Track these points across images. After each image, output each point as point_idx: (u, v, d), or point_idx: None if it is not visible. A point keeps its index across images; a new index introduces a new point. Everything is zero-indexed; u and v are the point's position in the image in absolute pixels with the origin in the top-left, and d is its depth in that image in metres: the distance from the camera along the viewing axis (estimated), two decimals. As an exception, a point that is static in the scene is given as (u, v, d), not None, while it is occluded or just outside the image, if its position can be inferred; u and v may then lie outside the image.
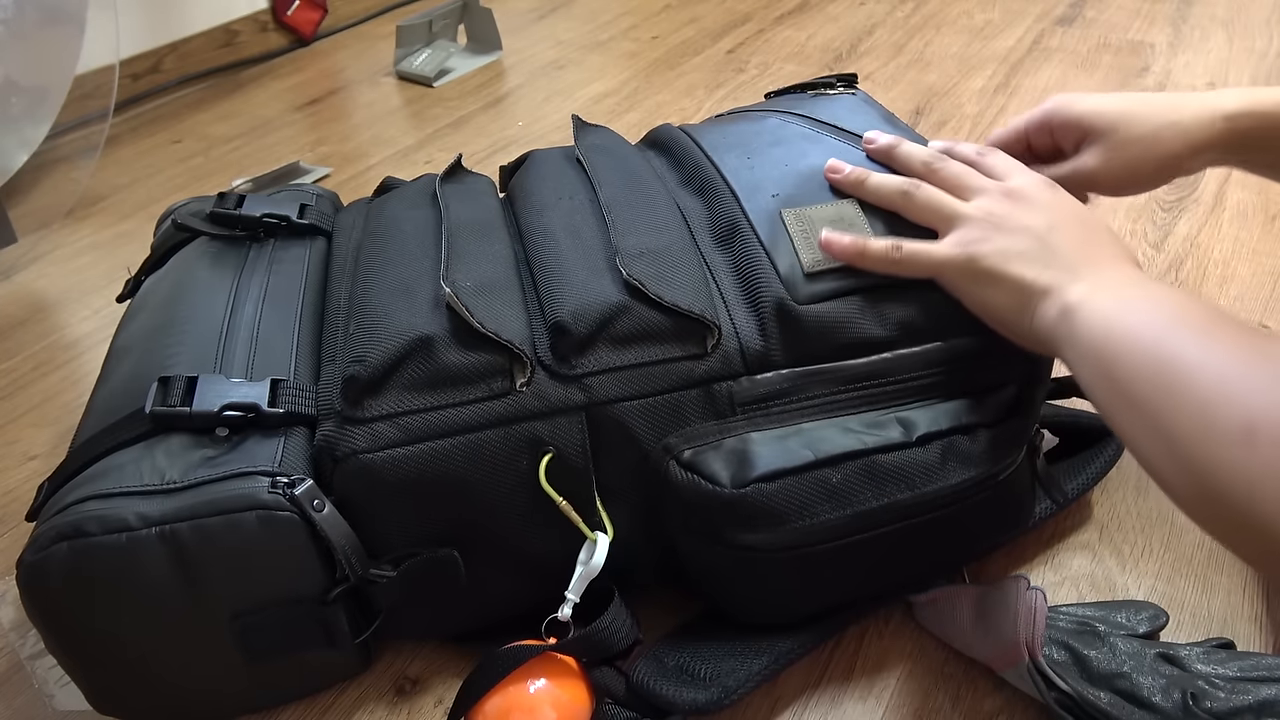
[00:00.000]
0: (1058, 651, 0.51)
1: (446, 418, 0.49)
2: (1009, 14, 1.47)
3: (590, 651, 0.52)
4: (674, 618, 0.57)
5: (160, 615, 0.48)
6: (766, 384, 0.51)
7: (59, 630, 0.48)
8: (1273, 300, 0.82)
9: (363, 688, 0.56)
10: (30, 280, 0.99)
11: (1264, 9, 1.43)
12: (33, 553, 0.46)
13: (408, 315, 0.52)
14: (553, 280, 0.53)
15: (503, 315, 0.51)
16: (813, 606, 0.55)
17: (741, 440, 0.50)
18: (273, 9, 1.50)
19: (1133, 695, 0.48)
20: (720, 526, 0.49)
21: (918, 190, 0.53)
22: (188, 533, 0.46)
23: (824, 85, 0.70)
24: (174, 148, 1.25)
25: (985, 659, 0.53)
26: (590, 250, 0.54)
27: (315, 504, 0.47)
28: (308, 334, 0.57)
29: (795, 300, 0.51)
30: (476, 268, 0.54)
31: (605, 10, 1.60)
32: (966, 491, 0.51)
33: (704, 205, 0.58)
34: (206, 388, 0.50)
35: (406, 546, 0.51)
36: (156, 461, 0.48)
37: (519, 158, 0.68)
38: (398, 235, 0.59)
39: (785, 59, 1.37)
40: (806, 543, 0.50)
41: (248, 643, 0.49)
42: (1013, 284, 0.49)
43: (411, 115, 1.29)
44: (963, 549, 0.58)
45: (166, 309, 0.59)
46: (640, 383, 0.51)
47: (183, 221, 0.65)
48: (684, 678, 0.51)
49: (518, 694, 0.50)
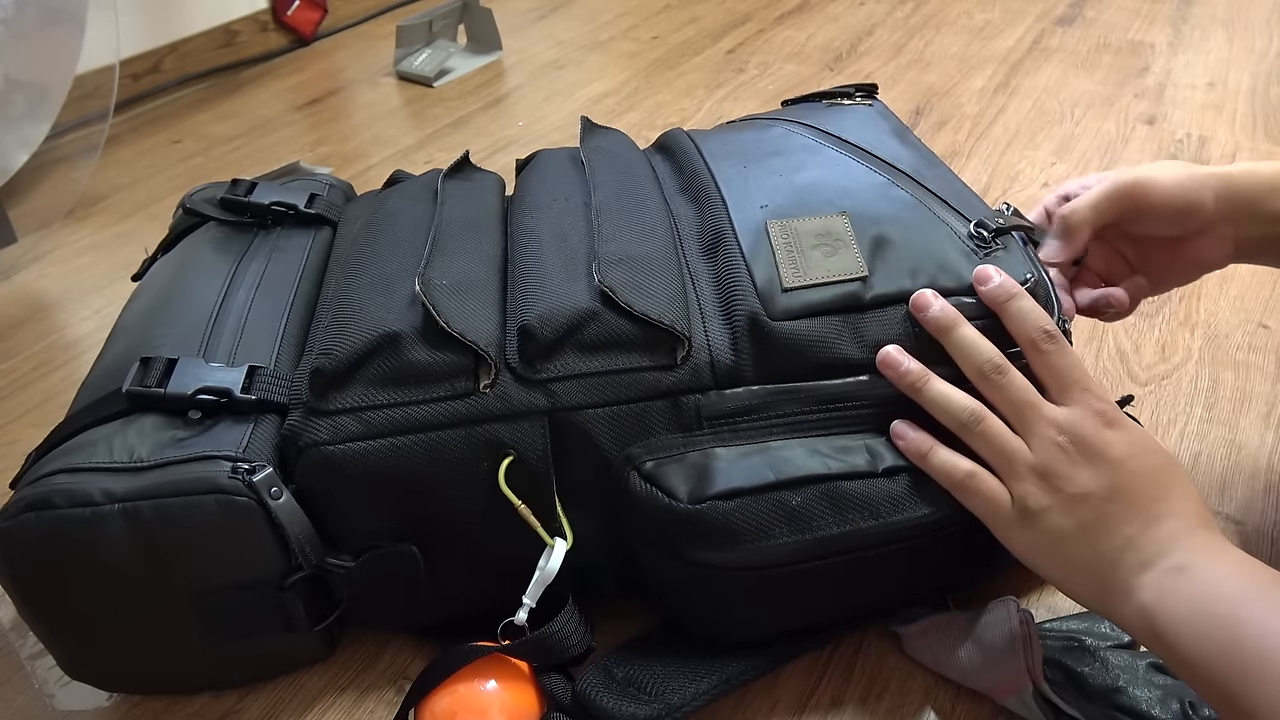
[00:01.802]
0: (1051, 671, 0.50)
1: (408, 415, 0.50)
2: (1009, 14, 1.47)
3: (540, 656, 0.51)
4: (635, 628, 0.56)
5: (123, 590, 0.49)
6: (735, 399, 0.50)
7: (28, 596, 0.49)
8: (1273, 300, 0.82)
9: (363, 687, 0.56)
10: (30, 280, 0.99)
11: (1264, 9, 1.43)
12: (3, 520, 0.47)
13: (382, 311, 0.52)
14: (528, 283, 0.53)
15: (474, 315, 0.51)
16: (773, 628, 0.53)
17: (704, 455, 0.49)
18: (273, 9, 1.50)
19: (1133, 710, 0.48)
20: (677, 541, 0.48)
21: (985, 426, 0.49)
22: (149, 512, 0.47)
23: (841, 95, 0.68)
24: (174, 148, 1.25)
25: (984, 689, 0.52)
26: (573, 254, 0.54)
27: (273, 491, 0.48)
28: (296, 323, 0.57)
29: (770, 316, 0.50)
30: (458, 266, 0.54)
31: (605, 10, 1.60)
32: (933, 526, 0.49)
33: (696, 213, 0.58)
34: (184, 370, 0.51)
35: (368, 538, 0.51)
36: (128, 439, 0.49)
37: (530, 155, 0.68)
38: (391, 229, 0.59)
39: (785, 59, 1.37)
40: (763, 564, 0.48)
41: (207, 623, 0.50)
42: (1077, 567, 0.46)
43: (411, 115, 1.29)
44: (931, 581, 0.55)
45: (165, 291, 0.60)
46: (606, 390, 0.50)
47: (193, 206, 0.66)
48: (629, 691, 0.50)
49: (467, 694, 0.49)
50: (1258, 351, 0.77)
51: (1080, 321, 0.80)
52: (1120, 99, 1.19)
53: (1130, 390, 0.74)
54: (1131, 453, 0.47)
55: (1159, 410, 0.72)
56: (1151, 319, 0.81)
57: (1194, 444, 0.69)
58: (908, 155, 0.60)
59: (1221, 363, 0.76)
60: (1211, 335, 0.79)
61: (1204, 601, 0.41)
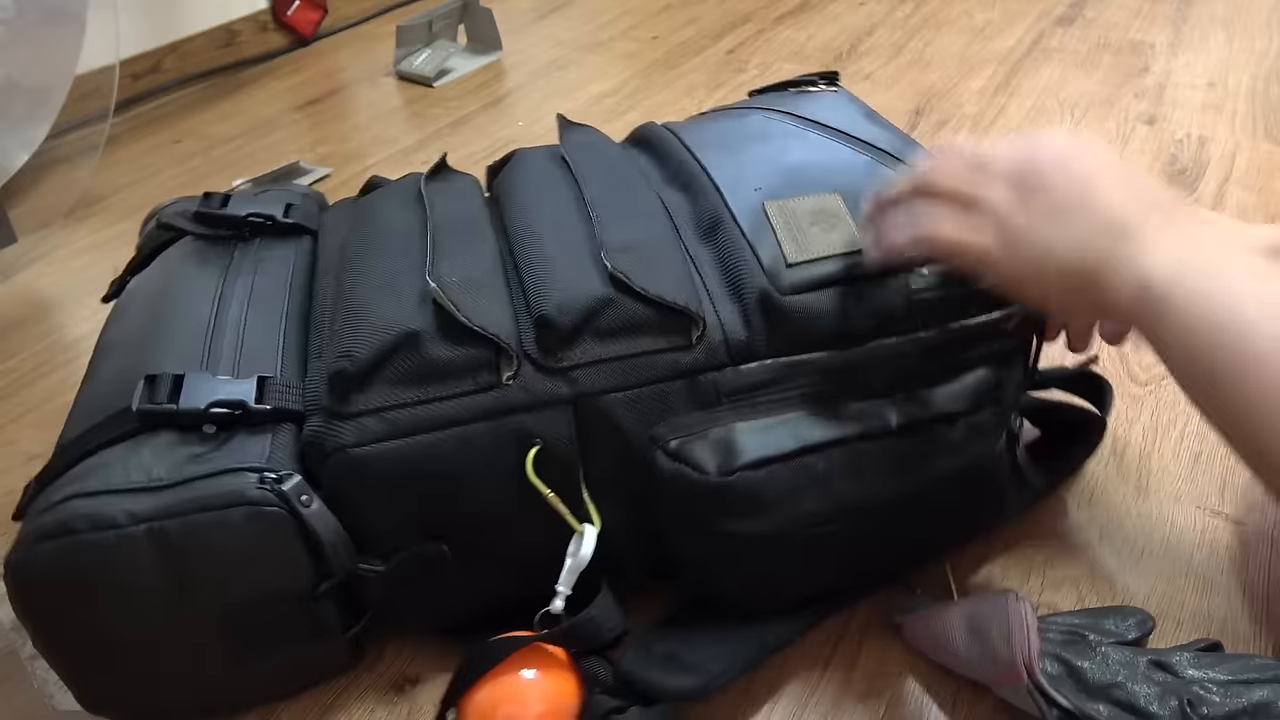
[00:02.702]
0: (1051, 664, 0.50)
1: (433, 412, 0.50)
2: (1009, 14, 1.47)
3: (578, 642, 0.52)
4: (662, 607, 0.58)
5: (148, 613, 0.48)
6: (751, 374, 0.52)
7: (47, 628, 0.48)
8: (1272, 300, 0.82)
9: (363, 687, 0.56)
10: (30, 280, 0.99)
11: (1264, 9, 1.43)
12: (19, 551, 0.45)
13: (394, 310, 0.52)
14: (538, 275, 0.53)
15: (489, 310, 0.52)
16: (799, 593, 0.55)
17: (727, 430, 0.50)
18: (273, 9, 1.50)
19: (1130, 705, 0.48)
20: (707, 514, 0.50)
21: (930, 176, 0.49)
22: (176, 529, 0.46)
23: (806, 83, 0.70)
24: (174, 148, 1.25)
25: (982, 679, 0.52)
26: (575, 246, 0.55)
27: (303, 499, 0.47)
28: (293, 332, 0.57)
29: (779, 291, 0.52)
30: (462, 264, 0.55)
31: (605, 10, 1.60)
32: (948, 478, 0.52)
33: (687, 200, 0.59)
34: (193, 385, 0.50)
35: (394, 540, 0.51)
36: (143, 459, 0.48)
37: (504, 156, 0.69)
38: (383, 233, 0.59)
39: (785, 59, 1.37)
40: (792, 529, 0.50)
41: (236, 639, 0.50)
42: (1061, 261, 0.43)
43: (411, 115, 1.29)
44: (946, 536, 0.58)
45: (152, 308, 0.59)
46: (626, 374, 0.51)
47: (168, 221, 0.65)
48: (671, 665, 0.52)
49: (507, 685, 0.50)
50: (1258, 351, 0.77)
51: (1080, 321, 0.80)
52: (1120, 99, 1.19)
53: (1130, 390, 0.74)
54: (1072, 150, 0.45)
55: (1159, 410, 0.72)
56: (1151, 319, 0.81)
57: (1194, 444, 0.69)
58: (885, 136, 0.62)
59: (1221, 363, 0.76)
60: (1211, 335, 0.79)
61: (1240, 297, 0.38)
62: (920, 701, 0.54)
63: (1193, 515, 0.64)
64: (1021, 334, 0.55)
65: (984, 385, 0.54)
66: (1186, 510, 0.64)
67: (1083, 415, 0.66)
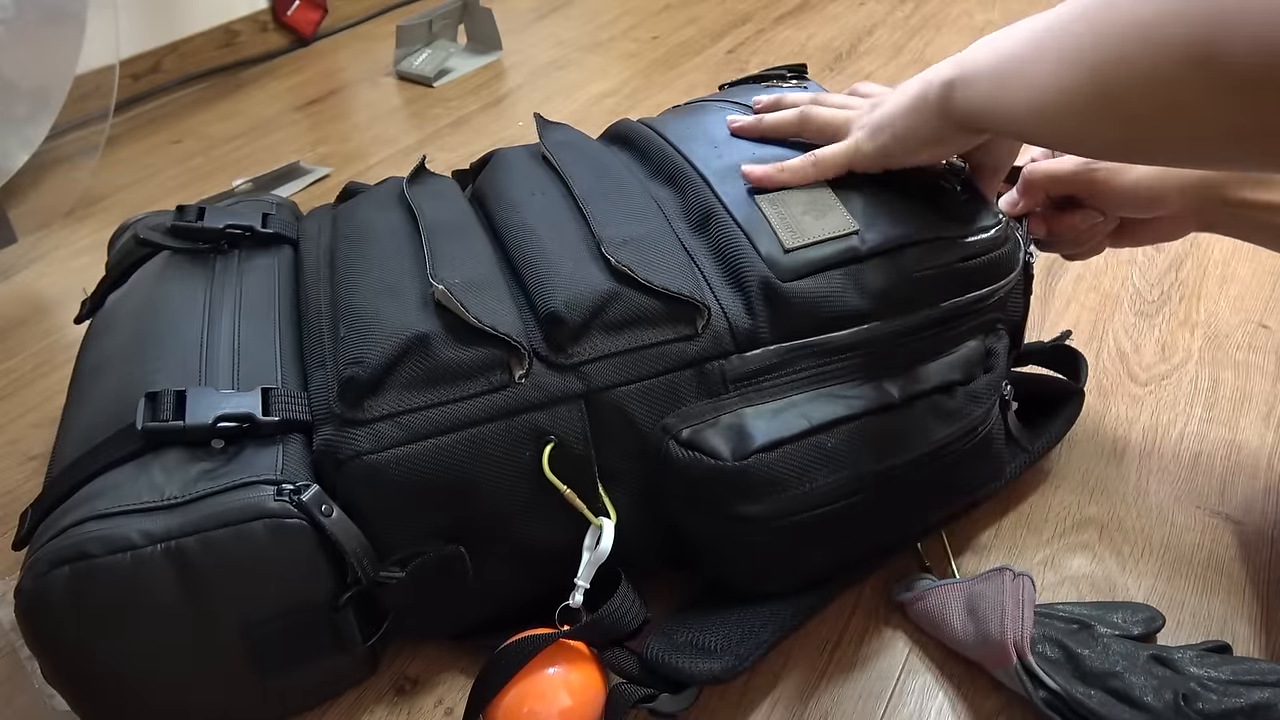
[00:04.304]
0: (1051, 649, 0.51)
1: (448, 413, 0.50)
2: (1009, 14, 1.47)
3: (601, 635, 0.52)
4: (678, 596, 0.58)
5: (167, 634, 0.47)
6: (756, 360, 0.53)
7: (60, 657, 0.47)
8: (1273, 300, 0.82)
9: (363, 688, 0.56)
10: (30, 280, 0.99)
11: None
12: (31, 579, 0.44)
13: (399, 315, 0.52)
14: (540, 273, 0.53)
15: (495, 310, 0.52)
16: (814, 571, 0.56)
17: (737, 416, 0.51)
18: (273, 9, 1.50)
19: (1124, 695, 0.48)
20: (724, 500, 0.50)
21: (811, 111, 0.59)
22: (194, 547, 0.45)
23: (775, 77, 0.71)
24: (174, 148, 1.25)
25: (978, 659, 0.53)
26: (572, 242, 0.55)
27: (324, 509, 0.47)
28: (288, 342, 0.56)
29: (779, 278, 0.53)
30: (461, 265, 0.55)
31: (605, 10, 1.60)
32: (951, 445, 0.54)
33: (675, 194, 0.59)
34: (197, 400, 0.49)
35: (411, 545, 0.51)
36: (153, 478, 0.47)
37: (482, 157, 0.69)
38: (373, 238, 0.59)
39: (785, 59, 1.37)
40: (806, 508, 0.51)
41: (257, 655, 0.49)
42: (904, 111, 0.52)
43: (411, 115, 1.29)
44: (949, 504, 0.60)
45: (139, 326, 0.57)
46: (636, 367, 0.52)
47: (144, 236, 0.64)
48: (696, 651, 0.52)
49: (532, 683, 0.50)
50: (1258, 351, 0.77)
51: (1081, 321, 0.81)
52: (1120, 99, 1.19)
53: (1130, 390, 0.74)
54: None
55: (1159, 410, 0.72)
56: (1151, 319, 0.81)
57: (1194, 444, 0.69)
58: None
59: (1221, 363, 0.76)
60: (1211, 335, 0.79)
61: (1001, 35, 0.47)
62: (920, 702, 0.54)
63: (1193, 515, 0.64)
64: (1008, 306, 0.59)
65: (976, 355, 0.56)
66: (1186, 510, 0.64)
67: (1063, 386, 0.69)
